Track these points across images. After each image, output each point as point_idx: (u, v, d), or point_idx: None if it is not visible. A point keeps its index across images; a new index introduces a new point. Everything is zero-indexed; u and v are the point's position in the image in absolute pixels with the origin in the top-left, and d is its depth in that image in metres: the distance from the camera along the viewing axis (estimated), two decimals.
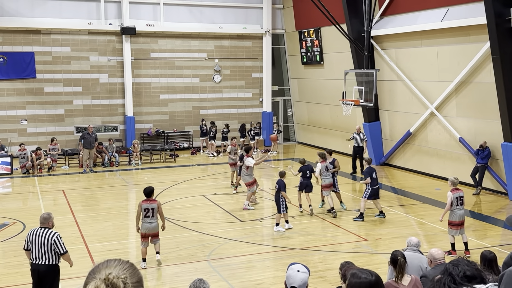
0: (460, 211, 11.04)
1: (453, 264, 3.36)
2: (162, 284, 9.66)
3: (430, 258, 6.68)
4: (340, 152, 24.30)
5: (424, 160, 19.52)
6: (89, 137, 20.45)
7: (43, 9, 23.18)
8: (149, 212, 10.21)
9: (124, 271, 2.04)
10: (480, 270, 3.30)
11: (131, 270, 2.07)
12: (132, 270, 2.08)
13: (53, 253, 8.00)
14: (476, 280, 3.21)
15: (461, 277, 3.20)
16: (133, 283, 2.02)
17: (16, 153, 20.85)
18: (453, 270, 3.28)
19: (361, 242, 12.01)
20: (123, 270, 2.04)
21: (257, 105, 27.27)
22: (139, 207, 10.24)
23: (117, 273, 2.01)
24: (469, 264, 3.32)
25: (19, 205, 15.96)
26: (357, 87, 20.02)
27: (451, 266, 3.35)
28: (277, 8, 27.45)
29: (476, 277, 3.21)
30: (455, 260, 3.47)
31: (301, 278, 4.36)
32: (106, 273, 2.00)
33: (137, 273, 2.09)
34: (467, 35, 16.91)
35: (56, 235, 7.99)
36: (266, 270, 10.37)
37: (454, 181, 11.14)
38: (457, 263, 3.36)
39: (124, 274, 2.02)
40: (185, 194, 16.75)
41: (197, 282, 5.32)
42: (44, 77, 23.41)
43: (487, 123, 16.57)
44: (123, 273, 2.03)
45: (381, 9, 20.46)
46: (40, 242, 7.93)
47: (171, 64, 25.48)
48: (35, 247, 7.95)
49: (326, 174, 14.37)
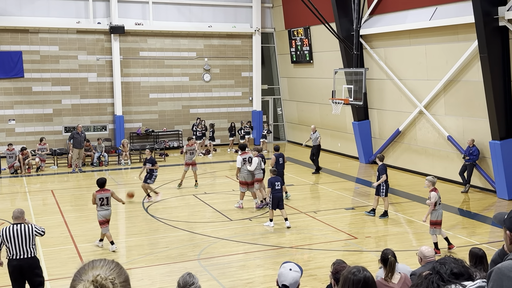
0: (441, 209, 11.14)
1: (440, 263, 3.39)
2: (152, 283, 9.63)
3: (420, 256, 6.69)
4: (330, 150, 24.38)
5: (413, 158, 19.62)
6: (79, 136, 20.38)
7: (31, 8, 23.00)
8: (104, 200, 11.25)
9: (111, 271, 2.02)
10: (467, 267, 3.33)
11: (117, 269, 2.05)
12: (119, 269, 2.06)
13: (32, 245, 8.21)
14: (464, 277, 3.23)
15: (448, 275, 3.23)
16: (121, 283, 2.00)
17: (4, 152, 20.68)
18: (441, 268, 3.30)
19: (350, 240, 12.05)
20: (110, 270, 2.03)
21: (247, 104, 27.27)
22: (94, 197, 11.20)
23: (104, 274, 1.99)
24: (456, 261, 3.34)
25: (7, 205, 15.83)
26: (347, 86, 20.08)
27: (438, 265, 3.38)
28: (267, 7, 27.45)
29: (463, 274, 3.24)
30: (442, 258, 3.49)
31: (293, 277, 4.36)
32: (93, 274, 1.98)
33: (124, 272, 2.08)
34: (455, 34, 17.02)
35: (33, 226, 8.29)
36: (257, 269, 10.38)
37: (433, 180, 11.16)
38: (444, 262, 3.39)
39: (112, 275, 2.00)
40: (175, 194, 16.71)
41: (186, 276, 5.23)
42: (32, 76, 23.23)
43: (475, 121, 16.70)
44: (110, 273, 2.01)
45: (370, 8, 20.54)
46: (20, 237, 8.06)
47: (161, 63, 25.40)
48: (15, 244, 8.05)
49: (259, 169, 14.57)
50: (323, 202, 15.57)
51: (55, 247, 11.60)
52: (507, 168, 15.52)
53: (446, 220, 13.44)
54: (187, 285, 5.16)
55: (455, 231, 12.65)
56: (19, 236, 8.04)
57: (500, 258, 3.34)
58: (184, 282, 5.20)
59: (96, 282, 1.94)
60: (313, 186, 17.81)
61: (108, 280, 1.96)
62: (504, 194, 15.62)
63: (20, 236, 8.04)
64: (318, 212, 14.35)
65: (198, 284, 5.19)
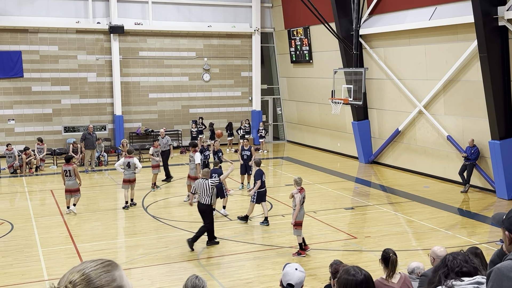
0: (303, 210, 11.16)
1: (453, 257, 3.34)
2: (152, 283, 9.63)
3: (433, 256, 6.58)
4: (329, 150, 24.38)
5: (412, 158, 19.63)
6: (91, 137, 20.56)
7: (31, 8, 22.99)
8: (68, 173, 14.01)
9: (81, 276, 1.87)
10: (477, 269, 3.30)
11: (96, 272, 1.88)
12: (99, 273, 1.88)
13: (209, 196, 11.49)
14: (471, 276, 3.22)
15: (456, 272, 3.21)
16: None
17: (3, 152, 20.67)
18: (451, 263, 3.27)
19: (350, 240, 12.05)
20: (81, 275, 1.87)
21: (247, 104, 27.27)
22: (62, 170, 14.07)
23: (71, 278, 1.87)
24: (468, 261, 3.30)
25: (7, 205, 15.83)
26: (346, 85, 20.07)
27: (450, 257, 3.34)
28: (266, 6, 27.45)
29: (471, 275, 3.22)
30: (456, 252, 3.44)
31: (298, 277, 4.38)
32: (67, 279, 1.87)
33: (104, 276, 1.88)
34: (455, 33, 17.02)
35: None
36: (256, 269, 10.38)
37: (298, 181, 11.19)
38: (456, 256, 3.34)
39: (79, 280, 1.85)
40: (174, 193, 16.71)
41: (195, 280, 5.12)
42: (31, 76, 23.23)
43: (475, 121, 16.70)
44: (78, 277, 1.87)
45: (370, 8, 20.54)
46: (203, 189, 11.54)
47: (160, 63, 25.39)
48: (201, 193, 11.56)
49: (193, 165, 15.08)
50: (322, 202, 15.57)
51: (55, 247, 11.60)
52: (507, 168, 15.53)
53: (446, 220, 13.49)
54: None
55: (454, 231, 12.66)
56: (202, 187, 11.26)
57: (499, 259, 3.33)
58: (193, 285, 5.07)
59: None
60: (313, 186, 17.80)
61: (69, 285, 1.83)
62: (503, 194, 15.62)
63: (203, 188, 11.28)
64: (317, 212, 14.36)
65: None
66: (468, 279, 3.18)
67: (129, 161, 14.97)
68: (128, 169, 14.92)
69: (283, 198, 15.92)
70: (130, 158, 15.04)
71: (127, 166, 14.95)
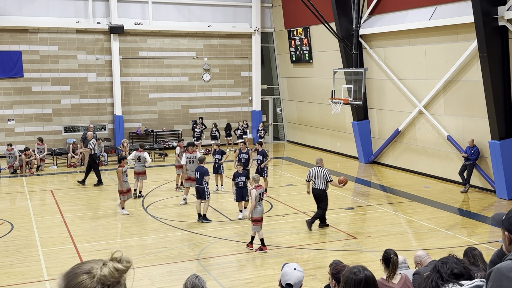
0: (261, 207, 11.19)
1: (442, 262, 3.38)
2: (151, 283, 9.63)
3: (417, 260, 6.81)
4: (329, 150, 24.39)
5: (412, 158, 19.63)
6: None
7: (31, 8, 22.99)
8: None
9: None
10: (468, 268, 3.33)
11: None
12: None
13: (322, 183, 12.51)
14: (464, 277, 3.23)
15: (448, 275, 3.23)
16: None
17: (4, 152, 20.67)
18: (441, 267, 3.30)
19: (350, 240, 12.05)
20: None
21: (247, 104, 27.27)
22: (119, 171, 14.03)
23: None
24: (458, 262, 3.34)
25: (7, 205, 15.83)
26: (346, 85, 20.08)
27: (439, 264, 3.38)
28: (266, 6, 27.45)
29: (463, 275, 3.24)
30: (444, 257, 3.49)
31: (297, 276, 4.38)
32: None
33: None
34: (455, 33, 17.02)
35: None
36: (256, 269, 10.38)
37: (256, 178, 11.45)
38: (446, 261, 3.39)
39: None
40: (174, 193, 16.71)
41: (194, 279, 5.10)
42: (31, 76, 23.23)
43: (475, 121, 16.70)
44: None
45: (370, 8, 20.54)
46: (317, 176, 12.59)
47: (160, 63, 25.40)
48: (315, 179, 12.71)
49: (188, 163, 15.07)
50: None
51: (55, 247, 11.60)
52: (507, 168, 15.53)
53: (446, 220, 13.49)
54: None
55: (454, 231, 12.66)
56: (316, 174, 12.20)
57: (498, 259, 3.34)
58: (193, 285, 5.06)
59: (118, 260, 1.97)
60: None
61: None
62: (503, 194, 15.62)
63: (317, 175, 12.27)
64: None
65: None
66: (467, 282, 3.18)
67: (140, 155, 16.01)
68: (138, 162, 15.99)
69: (283, 198, 15.92)
70: (141, 152, 16.08)
71: (137, 159, 15.99)
